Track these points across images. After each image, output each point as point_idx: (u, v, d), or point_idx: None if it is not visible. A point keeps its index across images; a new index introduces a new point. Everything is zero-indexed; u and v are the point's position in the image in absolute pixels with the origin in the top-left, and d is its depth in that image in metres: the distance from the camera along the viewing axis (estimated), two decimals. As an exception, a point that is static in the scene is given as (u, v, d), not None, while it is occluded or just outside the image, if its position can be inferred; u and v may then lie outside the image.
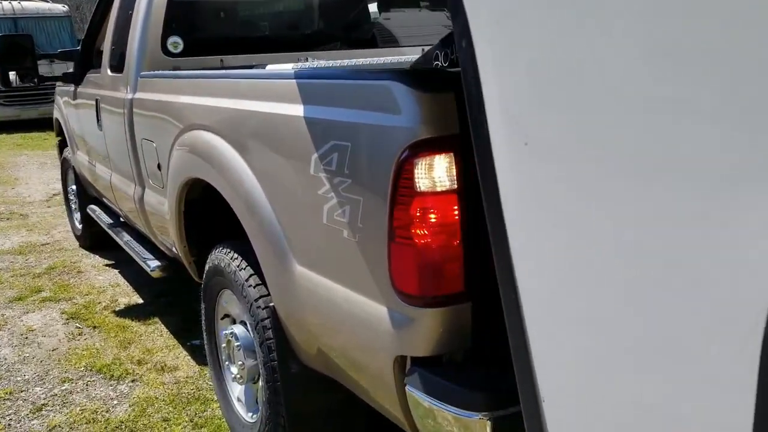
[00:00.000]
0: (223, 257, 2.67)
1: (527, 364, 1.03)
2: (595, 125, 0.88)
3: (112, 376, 3.61)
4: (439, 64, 2.96)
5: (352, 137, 1.76)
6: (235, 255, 2.59)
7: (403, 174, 1.62)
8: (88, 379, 3.59)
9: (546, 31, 0.90)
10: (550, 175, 0.93)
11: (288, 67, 3.28)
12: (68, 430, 3.12)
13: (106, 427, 3.12)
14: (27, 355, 3.90)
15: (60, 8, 17.44)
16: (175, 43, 3.51)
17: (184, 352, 3.87)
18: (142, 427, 3.11)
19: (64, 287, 4.96)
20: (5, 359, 3.85)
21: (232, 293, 2.70)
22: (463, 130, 1.60)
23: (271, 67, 3.43)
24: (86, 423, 3.17)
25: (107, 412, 3.26)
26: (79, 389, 3.49)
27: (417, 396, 1.71)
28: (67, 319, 4.39)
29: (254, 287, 2.45)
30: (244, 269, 2.51)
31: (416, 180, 1.61)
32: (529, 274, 1.06)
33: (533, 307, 1.08)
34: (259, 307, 2.41)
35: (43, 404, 3.35)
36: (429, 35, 4.27)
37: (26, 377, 3.63)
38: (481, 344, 1.76)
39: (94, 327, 4.24)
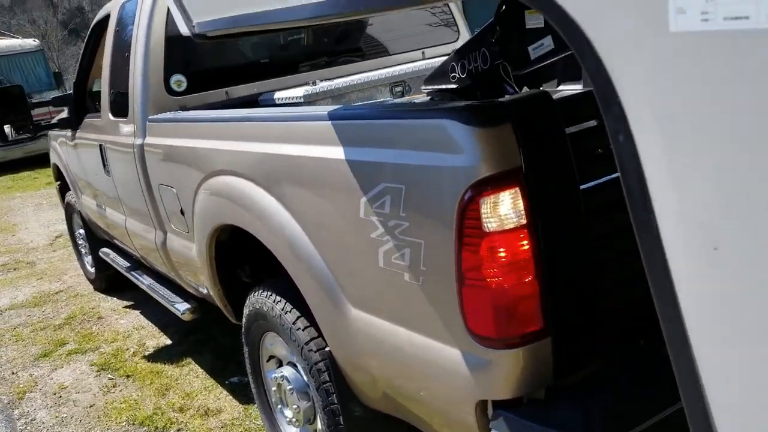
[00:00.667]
0: (264, 301, 2.60)
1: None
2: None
3: (156, 427, 3.53)
4: (457, 75, 2.90)
5: (405, 179, 1.69)
6: (278, 298, 2.52)
7: (469, 215, 1.55)
8: (132, 434, 3.53)
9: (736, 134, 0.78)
10: (745, 284, 0.81)
11: (299, 93, 3.21)
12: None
13: (163, 483, 3.06)
14: (65, 415, 3.83)
15: (31, 42, 17.23)
16: (179, 81, 3.43)
17: (225, 392, 3.80)
18: (200, 477, 3.05)
19: (88, 336, 4.88)
20: (43, 423, 3.77)
21: (277, 335, 2.64)
22: (525, 160, 1.53)
23: (280, 95, 3.35)
24: (142, 481, 3.11)
25: (160, 466, 3.20)
26: (126, 447, 3.43)
27: (506, 439, 1.65)
28: (98, 370, 4.31)
29: (303, 330, 2.39)
30: (290, 312, 2.45)
31: (483, 220, 1.54)
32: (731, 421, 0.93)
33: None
34: (311, 350, 2.35)
35: (91, 466, 3.29)
36: (415, 35, 4.20)
37: (69, 440, 3.56)
38: (563, 378, 1.71)
39: (128, 376, 4.16)
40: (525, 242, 1.56)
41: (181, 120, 3.03)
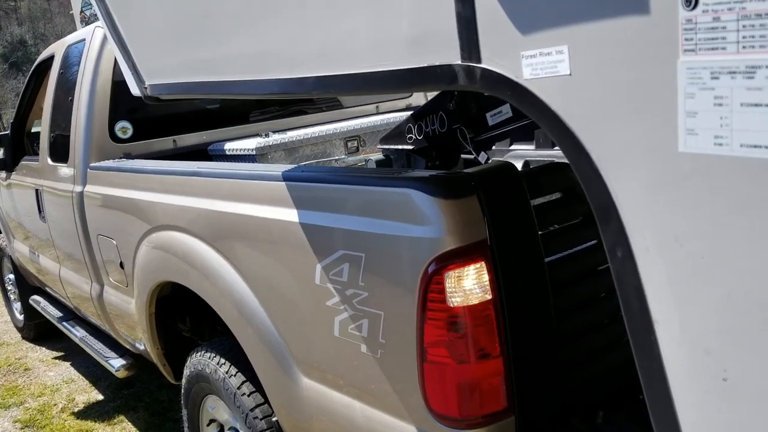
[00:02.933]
0: (207, 362, 2.46)
1: None
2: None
3: (85, 493, 3.30)
4: (413, 137, 2.88)
5: (366, 247, 1.62)
6: (222, 360, 2.39)
7: (432, 287, 1.49)
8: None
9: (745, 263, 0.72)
10: (759, 419, 0.73)
11: (250, 146, 3.13)
12: None
13: None
14: (-17, 480, 3.54)
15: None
16: (124, 128, 3.30)
17: (161, 453, 3.59)
18: None
19: (13, 390, 4.57)
20: (-42, 489, 3.48)
21: (220, 399, 2.50)
22: (491, 232, 1.49)
23: (231, 146, 3.26)
24: None
25: None
26: None
27: None
28: (22, 428, 4.02)
29: (248, 395, 2.26)
30: (234, 375, 2.32)
31: (447, 294, 1.48)
32: None
33: None
34: (256, 417, 2.22)
35: None
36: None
37: None
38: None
39: (53, 435, 3.90)
40: (490, 317, 1.50)
41: (125, 170, 2.90)
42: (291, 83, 1.33)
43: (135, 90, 1.90)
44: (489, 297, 1.50)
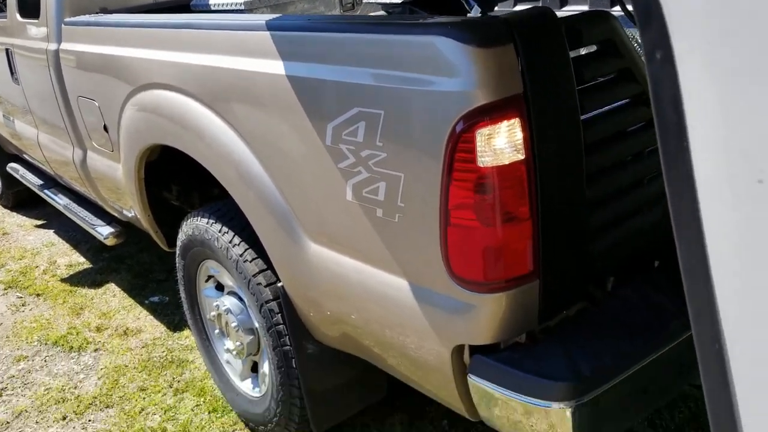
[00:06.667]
0: (206, 228, 2.36)
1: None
2: None
3: (71, 347, 3.29)
4: None
5: (385, 104, 1.49)
6: (221, 225, 2.29)
7: (461, 147, 1.38)
8: (45, 354, 3.27)
9: None
10: None
11: None
12: (37, 414, 2.84)
13: (78, 406, 2.85)
14: (-32, 335, 3.52)
15: None
16: (99, -23, 3.02)
17: (145, 312, 3.58)
18: (119, 401, 2.86)
19: (-8, 253, 4.49)
20: (-56, 345, 3.46)
21: (220, 264, 2.43)
22: (527, 86, 1.36)
23: (216, 0, 3.01)
24: (55, 403, 2.89)
25: (75, 388, 2.99)
26: (37, 367, 3.18)
27: (485, 387, 1.54)
28: (5, 288, 3.98)
29: (251, 261, 2.19)
30: (238, 245, 2.23)
31: (477, 153, 1.37)
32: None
33: None
34: (259, 283, 2.16)
35: (1, 389, 3.03)
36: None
37: (-26, 360, 3.27)
38: (547, 321, 1.60)
39: (38, 295, 3.86)
40: (521, 179, 1.41)
41: (105, 24, 2.66)
42: None
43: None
44: (521, 157, 1.39)
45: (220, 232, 2.30)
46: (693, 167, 0.74)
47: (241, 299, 2.43)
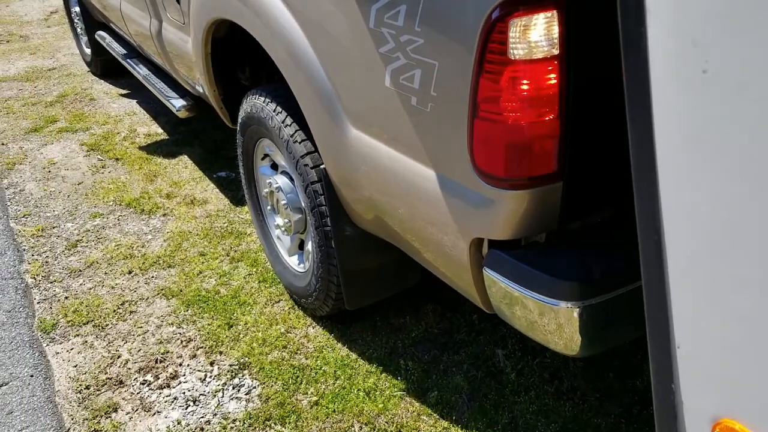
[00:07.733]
0: (262, 106, 2.43)
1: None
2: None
3: (143, 210, 3.52)
4: None
5: (425, -12, 1.46)
6: (278, 108, 2.35)
7: (493, 37, 1.35)
8: (118, 213, 3.51)
9: None
10: (730, 114, 0.70)
11: None
12: (107, 266, 3.08)
13: (143, 263, 3.08)
14: (53, 189, 3.79)
15: None
16: None
17: (212, 185, 3.76)
18: (180, 262, 3.07)
19: (80, 116, 4.74)
20: (31, 194, 3.74)
21: (273, 144, 2.51)
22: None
23: None
24: (123, 258, 3.12)
25: (143, 247, 3.21)
26: (111, 224, 3.42)
27: (498, 280, 1.58)
28: (88, 150, 4.23)
29: (300, 143, 2.25)
30: (289, 125, 2.29)
31: (510, 45, 1.35)
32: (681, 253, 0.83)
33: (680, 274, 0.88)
34: (306, 165, 2.23)
35: (77, 240, 3.29)
36: None
37: (56, 213, 3.53)
38: (568, 224, 1.60)
39: (117, 159, 4.10)
40: (553, 75, 1.38)
41: None
42: None
43: None
44: (556, 53, 1.36)
45: (274, 111, 2.36)
46: (648, 51, 0.74)
47: (291, 179, 2.51)
